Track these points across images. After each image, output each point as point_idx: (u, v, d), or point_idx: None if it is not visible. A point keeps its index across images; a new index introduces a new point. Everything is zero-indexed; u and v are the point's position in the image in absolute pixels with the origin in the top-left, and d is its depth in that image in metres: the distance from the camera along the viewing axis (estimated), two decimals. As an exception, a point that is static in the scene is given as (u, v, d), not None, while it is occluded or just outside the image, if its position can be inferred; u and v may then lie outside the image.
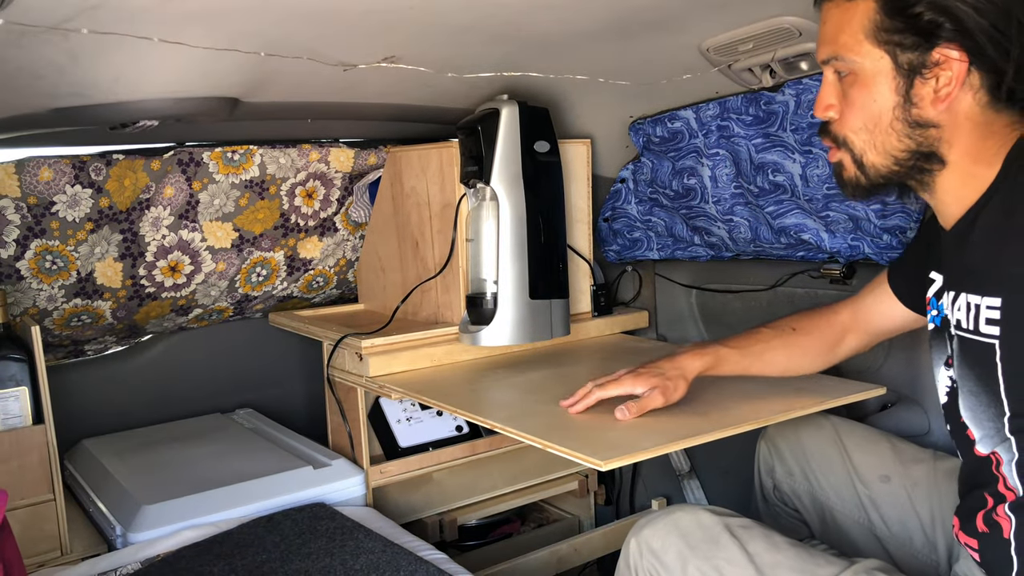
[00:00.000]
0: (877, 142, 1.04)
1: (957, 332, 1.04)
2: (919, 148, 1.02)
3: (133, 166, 1.66)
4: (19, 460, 1.44)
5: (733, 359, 1.37)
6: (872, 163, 1.05)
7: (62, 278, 1.69)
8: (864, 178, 1.07)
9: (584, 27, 1.40)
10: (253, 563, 1.36)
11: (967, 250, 1.02)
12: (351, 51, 1.37)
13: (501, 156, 1.62)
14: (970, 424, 1.06)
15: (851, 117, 1.05)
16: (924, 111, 1.00)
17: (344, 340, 1.71)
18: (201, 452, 1.81)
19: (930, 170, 1.03)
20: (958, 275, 1.06)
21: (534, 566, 1.80)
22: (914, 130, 1.01)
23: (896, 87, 1.00)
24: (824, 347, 1.41)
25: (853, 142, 1.06)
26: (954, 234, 1.06)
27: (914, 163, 1.03)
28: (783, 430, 1.50)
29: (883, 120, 1.02)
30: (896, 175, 1.05)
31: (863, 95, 1.03)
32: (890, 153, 1.03)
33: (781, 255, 1.77)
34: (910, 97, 1.00)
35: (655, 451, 1.18)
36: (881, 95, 1.01)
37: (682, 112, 1.76)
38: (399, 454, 1.78)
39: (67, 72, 1.21)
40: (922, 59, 0.98)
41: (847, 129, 1.06)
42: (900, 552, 1.33)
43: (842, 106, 1.06)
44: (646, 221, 1.98)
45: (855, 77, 1.03)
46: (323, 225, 1.98)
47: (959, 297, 1.04)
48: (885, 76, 1.01)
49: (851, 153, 1.06)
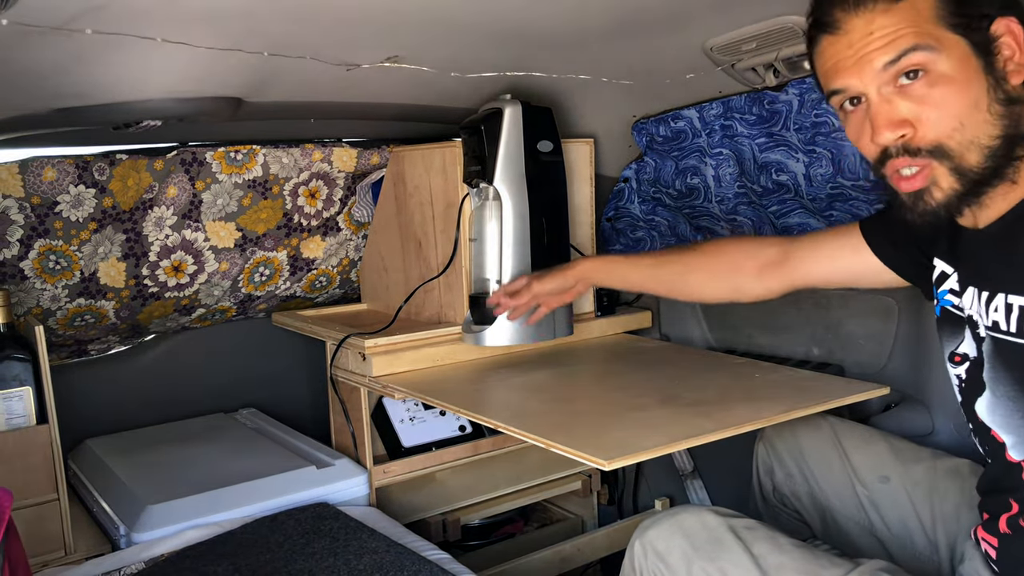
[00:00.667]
0: (975, 136, 0.93)
1: (992, 334, 1.00)
2: (1011, 130, 0.94)
3: (136, 166, 1.66)
4: (23, 460, 1.44)
5: (622, 268, 1.43)
6: (971, 165, 0.94)
7: (66, 278, 1.70)
8: (962, 186, 0.95)
9: (587, 26, 1.40)
10: (257, 563, 1.36)
11: (1013, 247, 0.97)
12: (354, 51, 1.37)
13: (504, 156, 1.62)
14: (998, 428, 1.03)
15: (941, 119, 0.93)
16: (1011, 85, 0.94)
17: (347, 340, 1.71)
18: (204, 452, 1.81)
19: (1018, 157, 0.94)
20: (993, 273, 1.00)
21: (537, 566, 1.80)
22: (1008, 108, 0.93)
23: (982, 68, 0.93)
24: (727, 273, 1.35)
25: (950, 147, 0.94)
26: (994, 230, 0.99)
27: (1004, 151, 0.94)
28: (781, 431, 1.49)
29: (980, 108, 0.93)
30: (987, 174, 0.94)
31: (953, 88, 0.93)
32: (985, 145, 0.93)
33: (784, 255, 1.77)
34: (996, 72, 0.93)
35: (658, 451, 1.18)
36: (973, 81, 0.93)
37: (685, 111, 1.76)
38: (402, 454, 1.78)
39: (71, 72, 1.22)
40: (986, 36, 0.93)
41: (939, 134, 0.94)
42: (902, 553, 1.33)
43: (920, 114, 0.94)
44: (649, 221, 1.98)
45: (935, 75, 0.93)
46: (326, 225, 1.98)
47: (995, 297, 0.99)
48: (969, 60, 0.93)
49: (949, 160, 0.94)
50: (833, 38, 0.98)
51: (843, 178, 1.57)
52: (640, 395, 1.45)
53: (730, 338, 1.95)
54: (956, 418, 1.52)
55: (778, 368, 1.63)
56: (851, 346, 1.71)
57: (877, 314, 1.66)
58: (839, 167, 1.56)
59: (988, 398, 1.04)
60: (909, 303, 1.60)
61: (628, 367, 1.70)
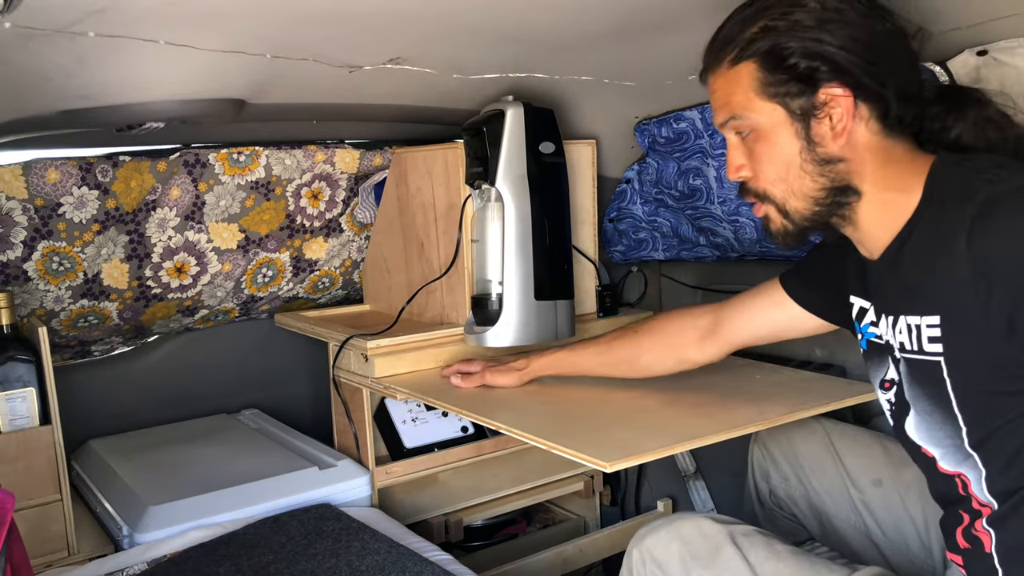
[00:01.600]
0: (795, 188, 1.07)
1: (903, 355, 1.06)
2: (833, 184, 1.05)
3: (139, 167, 1.67)
4: (26, 460, 1.45)
5: (572, 358, 1.52)
6: (795, 209, 1.08)
7: (69, 279, 1.70)
8: (791, 224, 1.10)
9: (589, 28, 1.40)
10: (259, 564, 1.36)
11: (900, 274, 1.05)
12: (357, 53, 1.37)
13: (506, 157, 1.62)
14: (926, 444, 1.07)
15: (763, 171, 1.09)
16: (828, 148, 1.04)
17: (350, 341, 1.71)
18: (207, 453, 1.81)
19: (848, 203, 1.07)
20: (893, 299, 1.08)
21: (539, 567, 1.81)
22: (824, 167, 1.05)
23: (796, 132, 1.05)
24: (669, 348, 1.45)
25: (773, 193, 1.09)
26: (885, 260, 1.08)
27: (832, 199, 1.06)
28: (775, 435, 1.50)
29: (793, 165, 1.06)
30: (819, 215, 1.08)
31: (768, 148, 1.07)
32: (808, 195, 1.06)
33: (786, 256, 1.77)
34: (811, 138, 1.04)
35: (660, 452, 1.18)
36: (785, 143, 1.06)
37: (687, 112, 1.76)
38: (405, 455, 1.79)
39: (74, 75, 1.22)
40: (811, 102, 1.03)
41: (764, 183, 1.09)
42: (897, 557, 1.33)
43: (752, 164, 1.10)
44: (651, 222, 1.98)
45: (756, 134, 1.08)
46: (328, 226, 1.98)
47: (898, 320, 1.06)
48: (783, 125, 1.05)
49: (774, 204, 1.10)
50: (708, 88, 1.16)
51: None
52: (642, 396, 1.45)
53: (732, 339, 1.95)
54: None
55: (780, 369, 1.63)
56: (853, 347, 1.69)
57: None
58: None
59: (913, 417, 1.08)
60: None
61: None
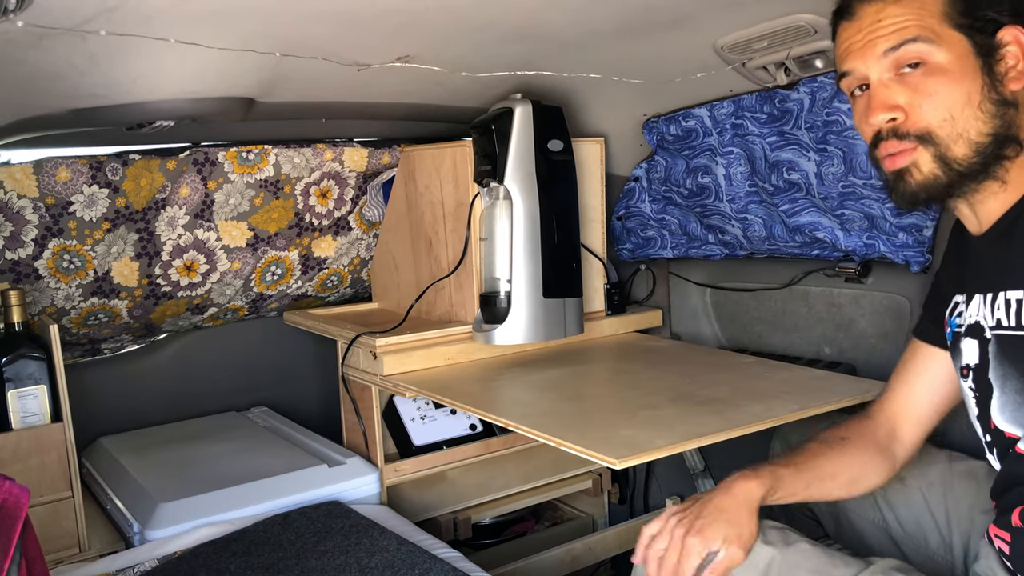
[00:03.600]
0: (962, 129, 0.99)
1: (996, 332, 1.03)
2: (1002, 130, 0.99)
3: (149, 166, 1.67)
4: (38, 458, 1.46)
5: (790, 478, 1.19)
6: (956, 156, 1.00)
7: (79, 277, 1.71)
8: (945, 173, 1.01)
9: (598, 26, 1.40)
10: (269, 560, 1.37)
11: (1008, 247, 1.01)
12: (365, 51, 1.37)
13: (515, 155, 1.62)
14: (1009, 425, 1.04)
15: (932, 108, 0.99)
16: (1007, 88, 0.99)
17: (358, 339, 1.72)
18: (217, 450, 1.82)
19: (1006, 157, 1.00)
20: (994, 274, 1.04)
21: (548, 564, 1.81)
22: (1000, 109, 0.99)
23: (980, 67, 0.99)
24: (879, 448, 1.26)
25: (939, 135, 1.00)
26: (995, 232, 1.04)
27: (993, 150, 0.99)
28: (798, 429, 1.49)
29: (972, 103, 0.99)
30: (976, 167, 1.00)
31: (947, 81, 0.99)
32: (974, 140, 0.99)
33: (796, 253, 1.77)
34: (995, 75, 0.99)
35: (669, 450, 1.18)
36: (968, 78, 0.99)
37: (696, 110, 1.76)
38: (413, 452, 1.79)
39: (85, 73, 1.23)
40: (991, 41, 0.99)
41: (928, 122, 1.00)
42: (915, 553, 1.32)
43: (917, 100, 1.00)
44: (660, 219, 1.98)
45: (934, 65, 0.99)
46: (337, 224, 1.99)
47: (997, 296, 1.02)
48: (967, 58, 0.99)
49: (935, 147, 1.00)
50: (848, 23, 1.06)
51: (855, 176, 1.56)
52: (651, 394, 1.45)
53: (741, 337, 1.95)
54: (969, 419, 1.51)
55: (789, 367, 1.63)
56: (863, 345, 1.70)
57: (889, 313, 1.66)
58: (851, 165, 1.56)
59: (998, 398, 1.05)
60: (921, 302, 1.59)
61: (639, 366, 1.70)
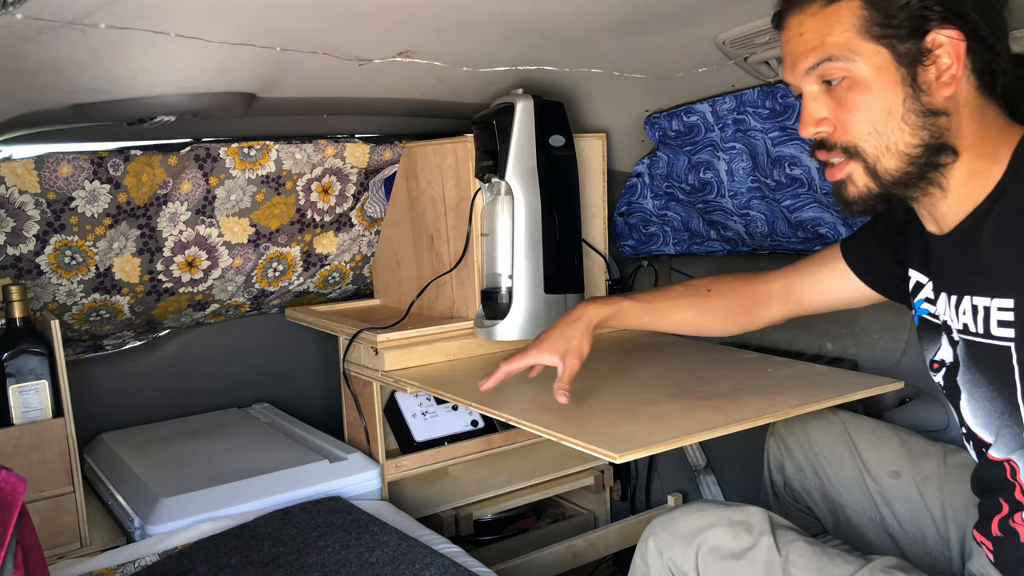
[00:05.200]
0: (889, 142, 0.97)
1: (964, 337, 1.02)
2: (932, 140, 0.96)
3: (150, 162, 1.67)
4: (40, 453, 1.46)
5: (636, 312, 1.36)
6: (886, 168, 0.98)
7: (81, 273, 1.71)
8: (877, 186, 0.99)
9: (599, 20, 1.40)
10: (269, 556, 1.37)
11: (974, 251, 0.99)
12: (366, 46, 1.37)
13: (516, 151, 1.62)
14: (980, 430, 1.04)
15: (856, 123, 0.98)
16: (933, 97, 0.95)
17: (360, 334, 1.72)
18: (218, 446, 1.82)
19: (941, 165, 0.98)
20: (959, 277, 1.03)
21: (549, 561, 1.80)
22: (927, 119, 0.96)
23: (901, 79, 0.95)
24: (740, 311, 1.39)
25: (864, 149, 0.98)
26: (956, 235, 1.02)
27: (927, 159, 0.97)
28: (792, 426, 1.49)
29: (894, 116, 0.96)
30: (910, 177, 0.98)
31: (867, 96, 0.97)
32: (903, 152, 0.97)
33: (798, 249, 1.76)
34: (918, 85, 0.95)
35: (670, 444, 1.18)
36: (888, 90, 0.96)
37: (698, 106, 1.76)
38: (414, 448, 1.79)
39: (86, 68, 1.22)
40: (918, 46, 0.95)
41: (853, 137, 0.99)
42: (913, 549, 1.32)
43: (841, 115, 0.99)
44: (662, 216, 1.97)
45: (853, 80, 0.97)
46: (339, 220, 1.99)
47: (963, 300, 1.01)
48: (887, 70, 0.95)
49: (863, 162, 0.99)
50: (781, 33, 1.05)
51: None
52: (652, 389, 1.45)
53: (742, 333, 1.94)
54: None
55: (791, 363, 1.62)
56: (865, 341, 1.70)
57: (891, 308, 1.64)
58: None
59: (967, 401, 1.05)
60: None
61: (640, 361, 1.70)
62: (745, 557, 1.11)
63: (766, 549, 1.10)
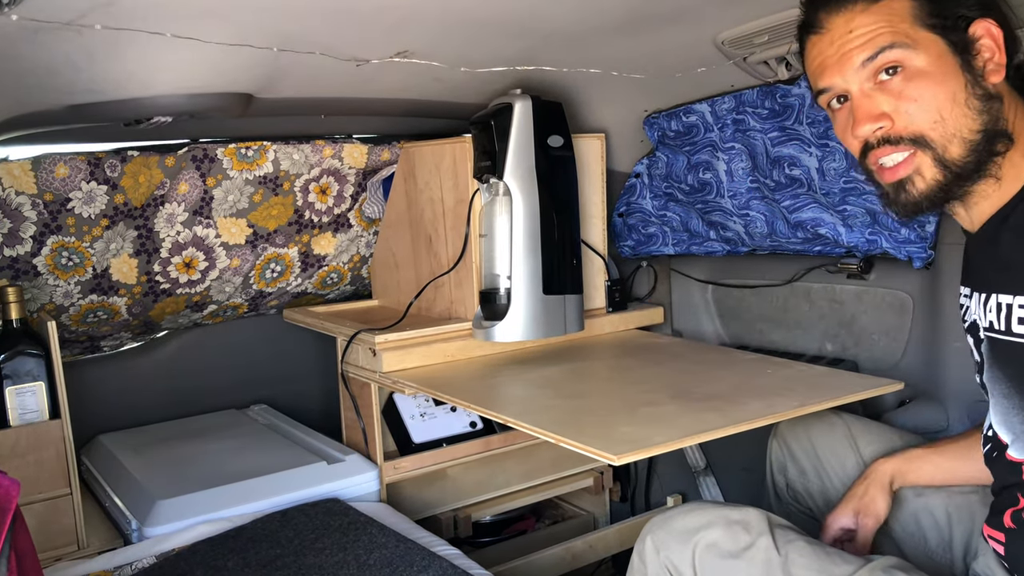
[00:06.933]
0: (953, 129, 0.97)
1: (988, 334, 1.02)
2: (990, 125, 0.97)
3: (148, 163, 1.67)
4: (36, 454, 1.45)
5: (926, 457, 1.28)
6: (953, 158, 0.97)
7: (78, 274, 1.70)
8: (945, 176, 0.98)
9: (598, 20, 1.39)
10: (267, 557, 1.36)
11: (997, 249, 0.99)
12: (364, 46, 1.36)
13: (514, 151, 1.62)
14: (999, 429, 1.03)
15: (920, 112, 0.97)
16: (988, 82, 0.98)
17: (358, 336, 1.71)
18: (216, 448, 1.81)
19: (998, 152, 0.98)
20: (988, 275, 1.03)
21: (548, 563, 1.80)
22: (986, 104, 0.97)
23: (959, 64, 0.97)
24: None
25: (932, 138, 0.97)
26: (983, 233, 1.02)
27: (985, 145, 0.97)
28: (794, 427, 1.48)
29: (958, 103, 0.97)
30: (971, 165, 0.98)
31: (930, 83, 0.97)
32: (967, 139, 0.97)
33: (798, 250, 1.76)
34: (974, 70, 0.97)
35: (669, 446, 1.17)
36: (950, 77, 0.97)
37: (697, 106, 1.75)
38: (413, 450, 1.78)
39: (82, 69, 1.22)
40: (965, 36, 0.98)
41: (921, 127, 0.97)
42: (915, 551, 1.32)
43: (899, 108, 0.98)
44: (661, 216, 1.97)
45: (913, 70, 0.97)
46: (337, 221, 1.98)
47: (990, 298, 1.01)
48: (946, 58, 0.97)
49: (932, 151, 0.98)
50: (817, 38, 1.04)
51: (857, 172, 1.55)
52: (651, 391, 1.44)
53: (742, 334, 1.94)
54: (970, 414, 1.51)
55: (791, 364, 1.62)
56: (865, 342, 1.69)
57: (892, 309, 1.65)
58: (853, 161, 1.55)
59: (992, 402, 1.04)
60: (924, 298, 1.58)
61: (639, 363, 1.70)
62: (743, 556, 1.10)
63: (764, 548, 1.10)
